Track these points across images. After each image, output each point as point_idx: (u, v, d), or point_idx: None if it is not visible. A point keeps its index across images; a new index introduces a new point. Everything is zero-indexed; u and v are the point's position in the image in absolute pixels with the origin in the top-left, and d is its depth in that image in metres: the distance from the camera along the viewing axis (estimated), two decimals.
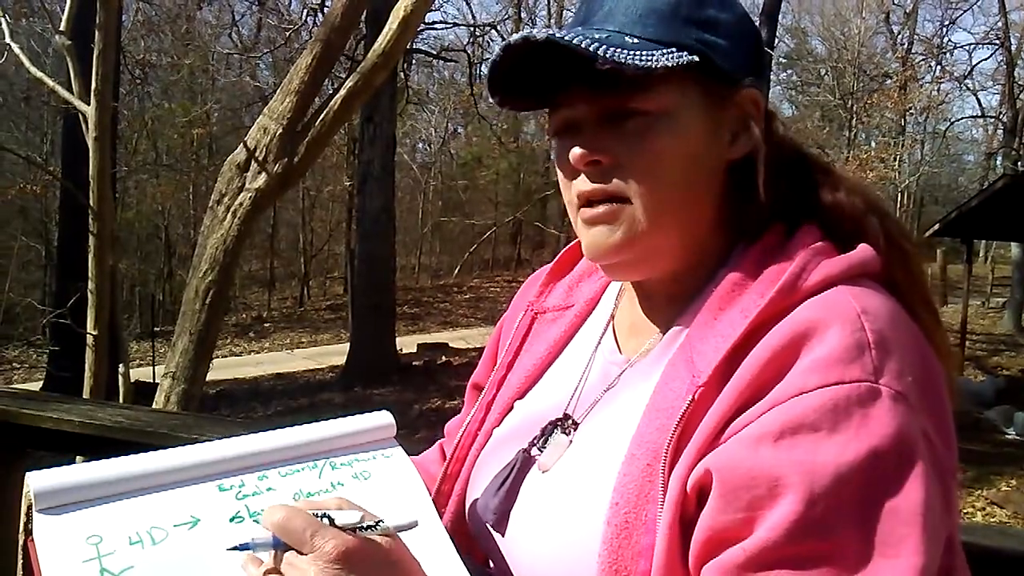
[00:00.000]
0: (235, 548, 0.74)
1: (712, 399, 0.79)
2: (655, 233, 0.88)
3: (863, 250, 0.85)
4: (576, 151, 0.87)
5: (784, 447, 0.71)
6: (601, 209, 0.88)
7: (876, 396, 0.72)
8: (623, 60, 0.81)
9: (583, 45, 0.81)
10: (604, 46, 0.81)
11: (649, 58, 0.82)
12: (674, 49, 0.84)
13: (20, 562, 0.84)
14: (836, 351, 0.74)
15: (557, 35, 0.82)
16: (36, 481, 0.80)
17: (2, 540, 1.86)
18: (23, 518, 0.82)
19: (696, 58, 0.84)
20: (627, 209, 0.87)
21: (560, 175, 0.93)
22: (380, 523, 0.75)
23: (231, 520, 0.84)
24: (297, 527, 0.73)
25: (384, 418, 1.00)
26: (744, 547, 0.71)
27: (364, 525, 0.75)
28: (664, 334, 0.93)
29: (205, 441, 0.91)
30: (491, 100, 0.93)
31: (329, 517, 0.74)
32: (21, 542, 0.82)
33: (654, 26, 0.86)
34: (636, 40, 0.84)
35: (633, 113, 0.86)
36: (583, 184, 0.89)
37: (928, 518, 0.70)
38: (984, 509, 8.11)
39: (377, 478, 0.94)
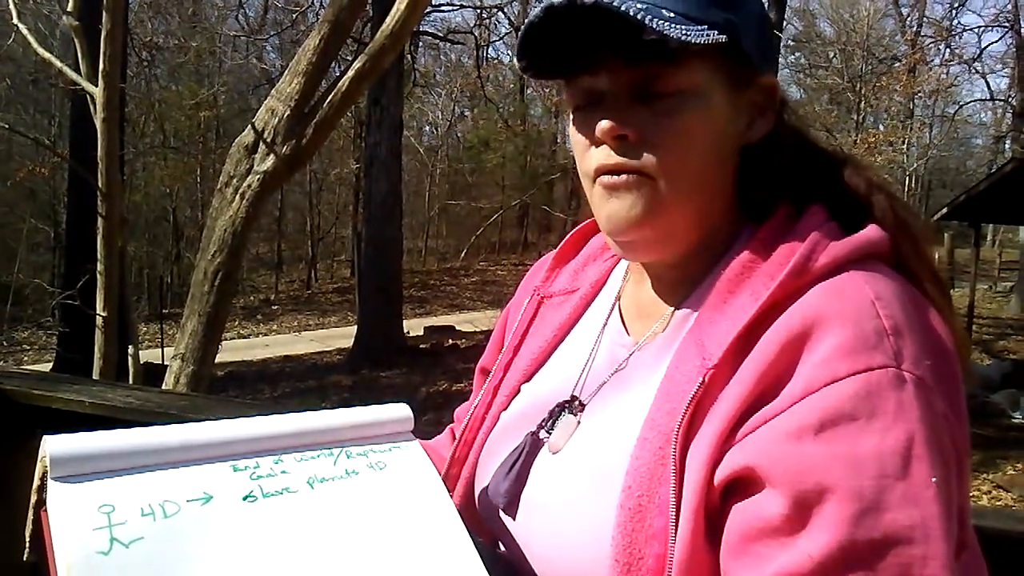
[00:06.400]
0: None
1: (723, 382, 0.79)
2: (675, 211, 0.87)
3: (871, 230, 0.85)
4: (604, 124, 0.85)
5: (825, 440, 0.71)
6: (623, 177, 0.86)
7: (903, 381, 0.72)
8: (668, 32, 0.79)
9: (631, 12, 0.79)
10: (651, 16, 0.79)
11: (689, 32, 0.80)
12: (706, 27, 0.82)
13: (29, 530, 0.85)
14: (858, 338, 0.74)
15: (605, 0, 0.80)
16: (53, 446, 0.81)
17: (13, 517, 1.88)
18: (37, 482, 0.83)
19: (725, 38, 0.82)
20: (649, 183, 0.85)
21: (577, 147, 0.91)
22: None
23: (244, 499, 0.84)
24: None
25: (402, 411, 1.00)
26: (808, 552, 0.69)
27: None
28: (672, 317, 0.93)
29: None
30: (517, 64, 0.91)
31: None
32: (32, 509, 0.83)
33: (685, 2, 0.84)
34: (672, 14, 0.82)
35: (663, 88, 0.84)
36: (605, 157, 0.86)
37: (949, 499, 0.71)
38: (990, 492, 8.11)
39: (392, 469, 0.94)
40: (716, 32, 0.82)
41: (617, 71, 0.86)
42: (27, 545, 0.85)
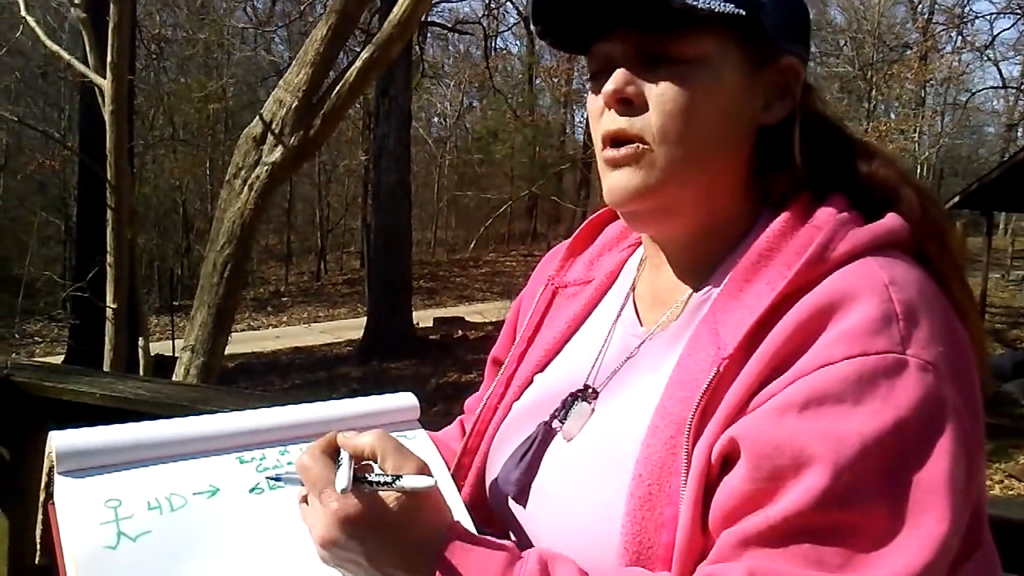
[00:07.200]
0: (270, 479, 0.82)
1: (737, 372, 0.78)
2: (674, 182, 0.86)
3: (891, 219, 0.84)
4: (608, 87, 0.86)
5: (808, 417, 0.71)
6: (624, 150, 0.86)
7: (903, 367, 0.71)
8: None
9: None
10: None
11: None
12: None
13: (39, 525, 0.85)
14: (863, 322, 0.73)
15: None
16: (59, 441, 0.81)
17: (24, 508, 1.89)
18: (44, 479, 0.83)
19: (742, 12, 0.82)
20: (648, 154, 0.86)
21: (592, 118, 0.92)
22: (397, 480, 0.75)
23: (251, 491, 0.84)
24: (310, 478, 0.77)
25: (408, 400, 1.00)
26: (767, 514, 0.71)
27: (379, 481, 0.75)
28: (686, 305, 0.92)
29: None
30: (534, 28, 0.92)
31: (341, 466, 0.76)
32: (41, 505, 0.83)
33: None
34: None
35: (671, 57, 0.84)
36: (610, 122, 0.87)
37: (953, 488, 0.70)
38: (1002, 482, 8.09)
39: None
40: (732, 5, 0.82)
41: (628, 38, 0.86)
42: (37, 545, 0.85)
